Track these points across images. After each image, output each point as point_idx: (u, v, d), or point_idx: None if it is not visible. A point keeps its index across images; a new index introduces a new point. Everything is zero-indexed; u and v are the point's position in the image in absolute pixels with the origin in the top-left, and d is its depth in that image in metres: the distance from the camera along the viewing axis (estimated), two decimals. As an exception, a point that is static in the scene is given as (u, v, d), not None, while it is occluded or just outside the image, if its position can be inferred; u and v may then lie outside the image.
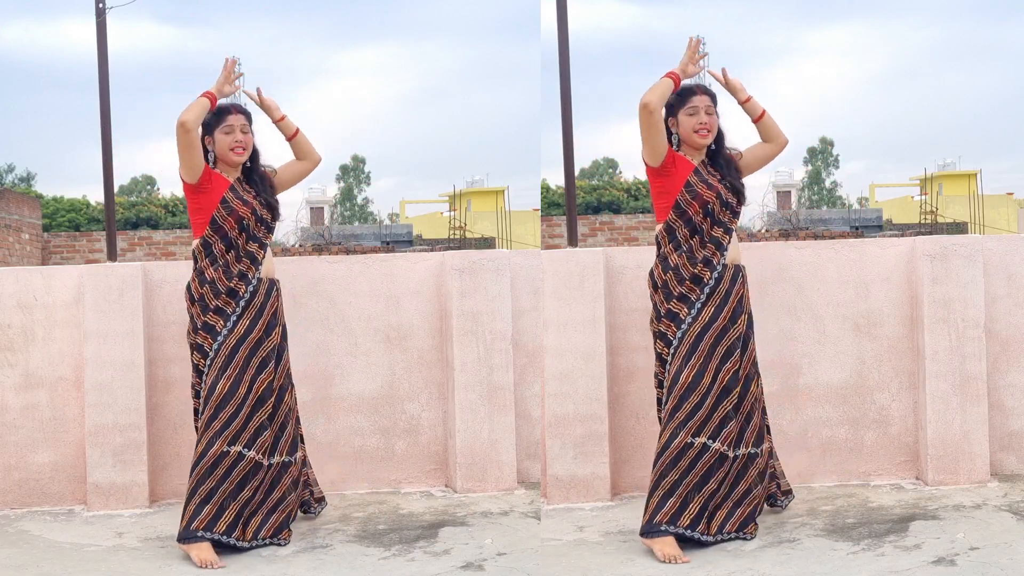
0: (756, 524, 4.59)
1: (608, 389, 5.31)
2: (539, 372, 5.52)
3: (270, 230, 4.81)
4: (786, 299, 5.44)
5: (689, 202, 4.58)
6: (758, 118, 4.76)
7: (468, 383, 5.49)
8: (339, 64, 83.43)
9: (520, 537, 4.74)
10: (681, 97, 4.66)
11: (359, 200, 50.97)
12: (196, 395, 4.70)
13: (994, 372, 5.44)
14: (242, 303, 4.66)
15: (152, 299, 5.45)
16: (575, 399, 5.29)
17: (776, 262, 5.43)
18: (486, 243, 29.58)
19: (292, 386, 4.88)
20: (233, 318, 4.64)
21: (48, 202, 42.47)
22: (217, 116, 4.74)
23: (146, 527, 5.01)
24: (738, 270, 4.65)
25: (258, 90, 4.86)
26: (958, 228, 29.80)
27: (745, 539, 4.52)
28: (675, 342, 4.54)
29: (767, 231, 28.33)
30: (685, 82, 4.67)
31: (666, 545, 4.38)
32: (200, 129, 4.69)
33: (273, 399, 4.72)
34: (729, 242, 4.62)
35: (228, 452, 4.56)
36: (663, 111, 4.63)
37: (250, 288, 4.67)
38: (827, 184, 54.16)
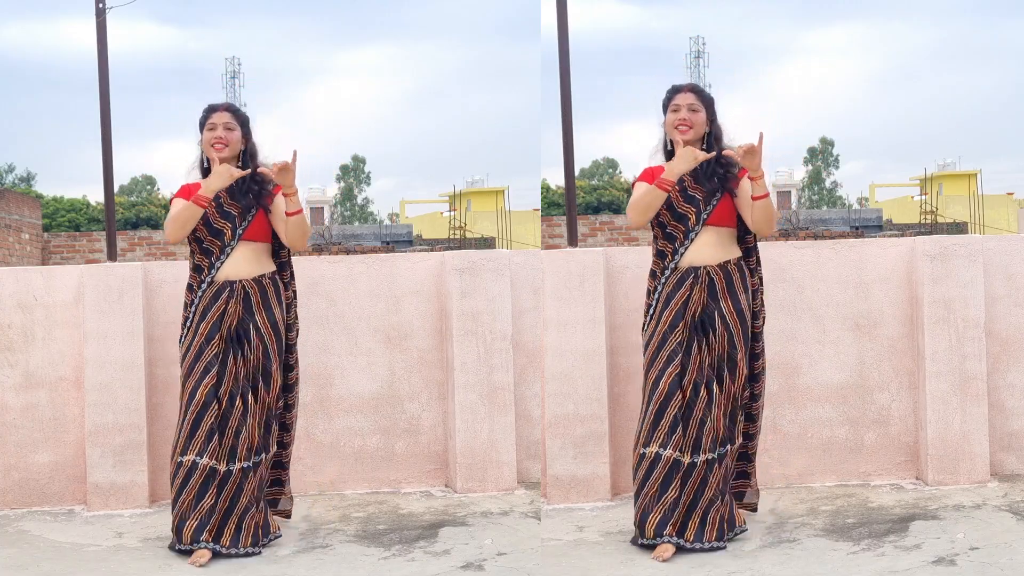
0: (736, 522, 4.55)
1: (608, 389, 5.31)
2: (539, 372, 5.52)
3: (222, 239, 4.65)
4: (786, 299, 5.44)
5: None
6: (760, 196, 4.50)
7: (468, 383, 5.49)
8: (339, 64, 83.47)
9: (520, 537, 4.74)
10: (669, 95, 4.65)
11: (359, 200, 51.03)
12: None
13: (994, 372, 5.44)
14: (191, 311, 4.67)
15: (152, 299, 5.45)
16: (575, 399, 5.29)
17: (776, 262, 5.43)
18: (486, 243, 29.59)
19: (258, 389, 4.67)
20: (185, 329, 4.67)
21: (48, 202, 42.49)
22: (205, 115, 4.75)
23: (146, 527, 5.01)
24: (688, 274, 4.53)
25: (293, 156, 4.71)
26: (958, 228, 29.80)
27: (723, 548, 4.44)
28: (644, 352, 4.64)
29: (767, 231, 28.29)
30: (676, 82, 4.68)
31: (660, 549, 4.41)
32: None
33: (222, 405, 4.59)
34: (675, 250, 4.55)
35: (181, 463, 4.55)
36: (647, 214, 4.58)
37: (195, 297, 4.67)
38: (827, 184, 54.23)
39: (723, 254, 4.58)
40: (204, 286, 4.65)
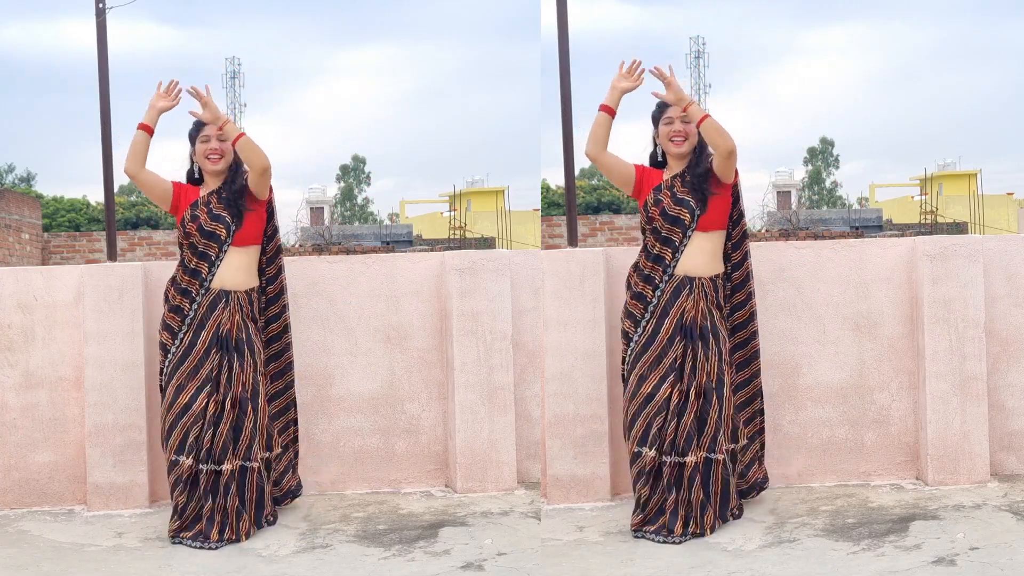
0: (716, 518, 4.67)
1: (608, 389, 5.31)
2: (539, 372, 5.52)
3: (220, 243, 4.84)
4: (786, 299, 5.44)
5: (644, 221, 4.85)
6: (698, 124, 4.68)
7: (468, 383, 5.49)
8: (339, 64, 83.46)
9: (520, 537, 4.74)
10: (660, 109, 4.85)
11: (359, 200, 51.01)
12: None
13: (994, 372, 5.44)
14: (188, 319, 4.83)
15: (152, 299, 5.45)
16: (575, 399, 5.29)
17: (776, 262, 5.43)
18: (486, 243, 29.58)
19: (256, 393, 4.88)
20: (181, 335, 4.83)
21: (48, 202, 42.46)
22: (197, 127, 4.94)
23: (146, 527, 5.01)
24: (684, 283, 4.74)
25: (205, 88, 4.85)
26: (958, 228, 29.80)
27: (675, 542, 4.57)
28: (628, 356, 4.81)
29: (767, 231, 28.34)
30: (666, 96, 4.76)
31: None
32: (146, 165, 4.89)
33: (215, 412, 4.80)
34: (675, 258, 4.74)
35: (177, 461, 4.78)
36: (606, 153, 4.82)
37: (194, 304, 4.83)
38: (827, 184, 54.22)
39: (715, 265, 4.80)
40: (201, 294, 4.84)
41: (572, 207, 11.66)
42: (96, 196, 45.66)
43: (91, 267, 5.42)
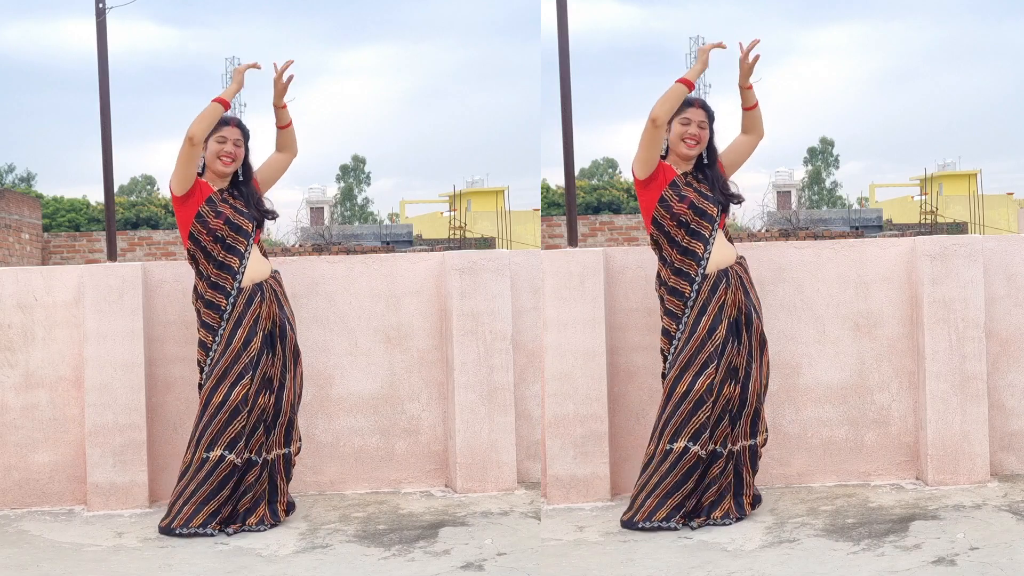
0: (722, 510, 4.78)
1: (608, 389, 5.31)
2: (539, 372, 5.52)
3: (248, 238, 4.91)
4: (786, 299, 5.44)
5: (664, 215, 4.82)
6: (751, 107, 4.88)
7: (468, 383, 5.49)
8: (339, 64, 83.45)
9: (520, 537, 4.74)
10: (680, 108, 4.84)
11: (359, 200, 50.99)
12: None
13: (994, 372, 5.44)
14: (225, 315, 4.85)
15: (152, 299, 5.45)
16: (575, 399, 5.29)
17: (776, 262, 5.43)
18: (486, 243, 29.58)
19: (285, 385, 4.97)
20: (220, 331, 4.85)
21: (48, 202, 42.47)
22: (216, 125, 4.93)
23: (146, 527, 5.01)
24: (720, 277, 4.81)
25: (283, 68, 5.06)
26: (958, 228, 29.81)
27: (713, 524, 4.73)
28: (669, 356, 4.84)
29: (767, 231, 28.34)
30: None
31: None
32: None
33: (257, 404, 4.87)
34: (707, 251, 4.79)
35: (207, 457, 4.80)
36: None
37: (231, 300, 4.85)
38: (827, 184, 54.19)
39: (734, 252, 4.92)
40: (236, 290, 4.86)
41: (572, 207, 11.67)
42: (96, 196, 45.68)
43: (91, 267, 5.42)
